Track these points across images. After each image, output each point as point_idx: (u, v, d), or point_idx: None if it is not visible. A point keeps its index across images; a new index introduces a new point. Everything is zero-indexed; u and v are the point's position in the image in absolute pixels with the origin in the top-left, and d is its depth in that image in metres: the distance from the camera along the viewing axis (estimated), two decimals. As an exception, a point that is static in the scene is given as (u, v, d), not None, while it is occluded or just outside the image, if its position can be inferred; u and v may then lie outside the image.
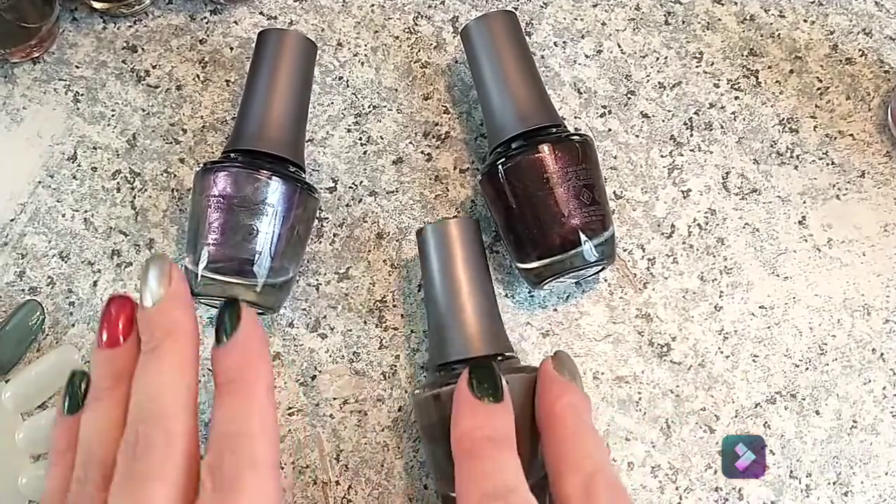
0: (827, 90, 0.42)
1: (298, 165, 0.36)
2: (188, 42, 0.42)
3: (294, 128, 0.36)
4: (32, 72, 0.41)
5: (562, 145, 0.34)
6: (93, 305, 0.38)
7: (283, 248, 0.34)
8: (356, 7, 0.43)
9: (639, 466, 0.37)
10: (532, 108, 0.36)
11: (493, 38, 0.36)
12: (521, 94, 0.36)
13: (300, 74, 0.36)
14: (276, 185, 0.34)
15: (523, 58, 0.36)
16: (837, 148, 0.41)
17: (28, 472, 0.35)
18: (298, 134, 0.36)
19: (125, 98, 0.41)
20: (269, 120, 0.35)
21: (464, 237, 0.34)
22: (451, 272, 0.34)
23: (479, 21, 0.36)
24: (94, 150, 0.40)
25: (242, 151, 0.35)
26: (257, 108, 0.35)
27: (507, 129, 0.35)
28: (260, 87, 0.35)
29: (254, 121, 0.35)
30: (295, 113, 0.36)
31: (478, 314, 0.33)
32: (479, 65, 0.37)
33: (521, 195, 0.34)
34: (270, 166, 0.34)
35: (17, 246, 0.39)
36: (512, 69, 0.36)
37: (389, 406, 0.37)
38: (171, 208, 0.40)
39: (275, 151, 0.35)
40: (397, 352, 0.38)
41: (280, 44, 0.36)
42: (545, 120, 0.35)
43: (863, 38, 0.43)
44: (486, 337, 0.33)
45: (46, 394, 0.37)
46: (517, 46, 0.36)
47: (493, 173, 0.35)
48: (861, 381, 0.38)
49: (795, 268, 0.39)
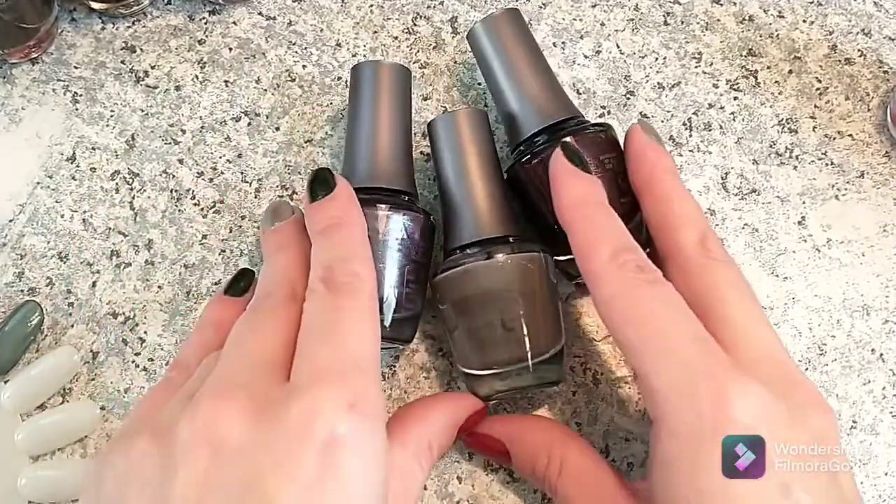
0: (826, 90, 0.42)
1: (411, 194, 0.35)
2: (187, 42, 0.42)
3: (403, 158, 0.36)
4: (31, 72, 0.41)
5: (584, 137, 0.34)
6: (92, 306, 0.38)
7: (408, 278, 0.34)
8: (355, 7, 0.43)
9: (638, 467, 0.37)
10: (550, 102, 0.35)
11: (501, 37, 0.36)
12: (537, 90, 0.35)
13: (401, 104, 0.36)
14: (396, 218, 0.33)
15: (533, 54, 0.36)
16: (836, 148, 0.41)
17: (27, 473, 0.35)
18: (407, 162, 0.36)
19: (124, 98, 0.41)
20: (378, 155, 0.35)
21: (473, 126, 0.35)
22: (462, 159, 0.35)
23: (484, 22, 0.36)
24: (92, 151, 0.40)
25: (356, 189, 0.34)
26: (364, 145, 0.35)
27: (527, 127, 0.35)
28: (363, 123, 0.35)
29: (363, 157, 0.35)
30: (399, 143, 0.36)
31: (489, 197, 0.34)
32: (489, 66, 0.37)
33: (549, 190, 0.34)
34: (387, 199, 0.34)
35: (16, 246, 0.39)
36: (524, 66, 0.36)
37: (389, 406, 0.37)
38: (169, 209, 0.40)
39: (387, 185, 0.34)
40: (396, 352, 0.38)
41: (377, 77, 0.36)
42: (565, 113, 0.35)
43: (862, 38, 0.43)
44: (499, 218, 0.34)
45: (46, 394, 0.37)
46: (526, 43, 0.36)
47: (519, 171, 0.35)
48: (861, 381, 0.38)
49: (795, 268, 0.39)
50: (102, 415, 0.37)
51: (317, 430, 0.24)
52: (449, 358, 0.38)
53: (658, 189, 0.32)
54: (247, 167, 0.40)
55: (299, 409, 0.24)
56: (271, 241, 0.33)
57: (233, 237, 0.39)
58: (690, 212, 0.32)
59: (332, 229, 0.30)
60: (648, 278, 0.29)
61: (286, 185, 0.40)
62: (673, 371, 0.27)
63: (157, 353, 0.38)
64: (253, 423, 0.24)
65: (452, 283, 0.33)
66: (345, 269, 0.29)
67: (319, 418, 0.24)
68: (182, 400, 0.27)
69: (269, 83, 0.41)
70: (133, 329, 0.38)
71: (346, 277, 0.28)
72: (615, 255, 0.29)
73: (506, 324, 0.32)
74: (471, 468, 0.36)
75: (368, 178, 0.34)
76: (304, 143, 0.41)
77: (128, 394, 0.37)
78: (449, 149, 0.35)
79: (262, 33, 0.42)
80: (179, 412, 0.25)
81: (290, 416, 0.24)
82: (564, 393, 0.37)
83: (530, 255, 0.33)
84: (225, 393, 0.25)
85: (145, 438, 0.25)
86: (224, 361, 0.27)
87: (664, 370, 0.27)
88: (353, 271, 0.29)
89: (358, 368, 0.26)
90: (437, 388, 0.37)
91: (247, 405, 0.25)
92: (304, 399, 0.24)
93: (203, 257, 0.39)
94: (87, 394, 0.37)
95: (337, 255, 0.30)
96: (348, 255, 0.30)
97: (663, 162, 0.33)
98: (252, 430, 0.24)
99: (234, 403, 0.25)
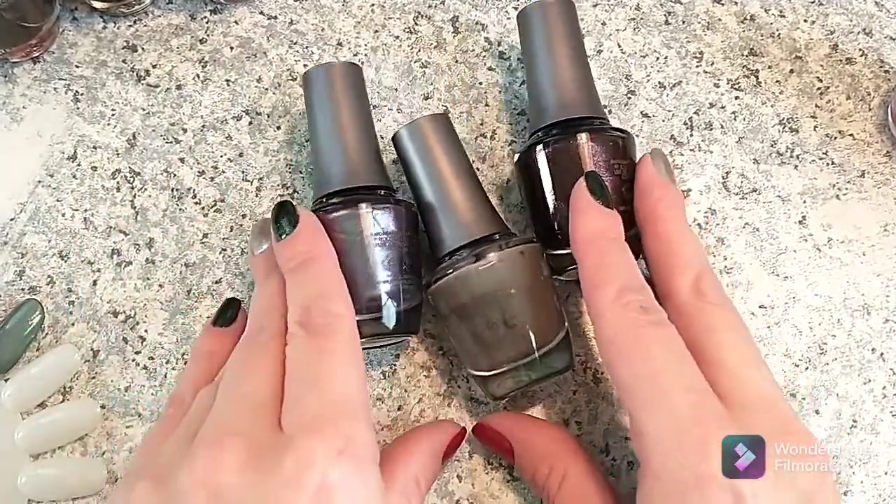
0: (827, 90, 0.42)
1: (387, 188, 0.35)
2: (188, 41, 0.42)
3: (372, 153, 0.35)
4: (32, 71, 0.41)
5: (601, 136, 0.34)
6: (92, 305, 0.38)
7: (404, 270, 0.34)
8: (356, 7, 0.43)
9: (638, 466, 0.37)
10: (576, 95, 0.35)
11: (550, 22, 0.36)
12: (568, 81, 0.35)
13: (359, 101, 0.36)
14: (380, 215, 0.33)
15: (575, 47, 0.36)
16: (837, 148, 0.41)
17: (28, 472, 0.35)
18: (378, 158, 0.36)
19: (125, 97, 0.41)
20: (349, 155, 0.35)
21: (438, 131, 0.35)
22: (434, 165, 0.34)
23: (537, 5, 0.36)
24: (93, 150, 0.40)
25: (331, 195, 0.34)
26: (332, 148, 0.35)
27: (548, 115, 0.35)
28: (326, 127, 0.35)
29: (334, 161, 0.35)
30: (365, 139, 0.35)
31: (468, 199, 0.34)
32: (531, 47, 0.36)
33: (556, 180, 0.34)
34: (367, 197, 0.34)
35: (17, 245, 0.39)
36: (563, 56, 0.36)
37: (389, 405, 0.37)
38: (170, 207, 0.40)
39: (364, 183, 0.34)
40: (397, 351, 0.38)
41: (329, 78, 0.35)
42: (589, 111, 0.35)
43: (863, 37, 0.43)
44: (482, 217, 0.34)
45: (46, 393, 0.37)
46: (572, 34, 0.36)
47: (529, 156, 0.35)
48: (861, 380, 0.38)
49: (795, 267, 0.39)
50: (103, 413, 0.37)
51: (309, 479, 0.25)
52: (449, 357, 0.38)
53: (659, 227, 0.32)
54: (248, 166, 0.40)
55: (292, 459, 0.25)
56: (260, 266, 0.34)
57: (234, 236, 0.39)
58: (688, 254, 0.32)
59: (302, 266, 0.31)
60: (652, 319, 0.29)
61: (287, 184, 0.40)
62: (662, 417, 0.27)
63: (157, 351, 0.38)
64: (249, 473, 0.25)
65: (447, 291, 0.33)
66: (321, 309, 0.30)
67: (311, 468, 0.25)
68: (180, 441, 0.28)
69: (270, 82, 0.41)
70: (133, 328, 0.38)
71: (323, 319, 0.29)
72: (620, 293, 0.29)
73: (507, 321, 0.32)
74: (470, 467, 0.36)
75: (343, 181, 0.34)
76: (305, 143, 0.41)
77: (128, 392, 0.37)
78: (419, 157, 0.35)
79: (264, 32, 0.42)
80: (180, 459, 0.27)
81: (284, 467, 0.25)
82: (565, 392, 0.37)
83: (519, 249, 0.33)
84: (222, 442, 0.26)
85: (145, 485, 0.27)
86: (220, 404, 0.28)
87: (654, 415, 0.27)
88: (329, 311, 0.30)
89: (345, 414, 0.27)
90: (437, 387, 0.37)
91: (243, 454, 0.26)
92: (295, 449, 0.26)
93: (204, 256, 0.39)
94: (88, 392, 0.37)
95: (311, 293, 0.30)
96: (322, 291, 0.30)
97: (667, 198, 0.33)
98: (248, 480, 0.25)
99: (231, 452, 0.26)
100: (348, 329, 0.30)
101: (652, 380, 0.28)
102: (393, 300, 0.33)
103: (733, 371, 0.28)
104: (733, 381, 0.28)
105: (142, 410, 0.37)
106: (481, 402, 0.37)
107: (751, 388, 0.28)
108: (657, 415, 0.27)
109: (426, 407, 0.37)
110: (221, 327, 0.35)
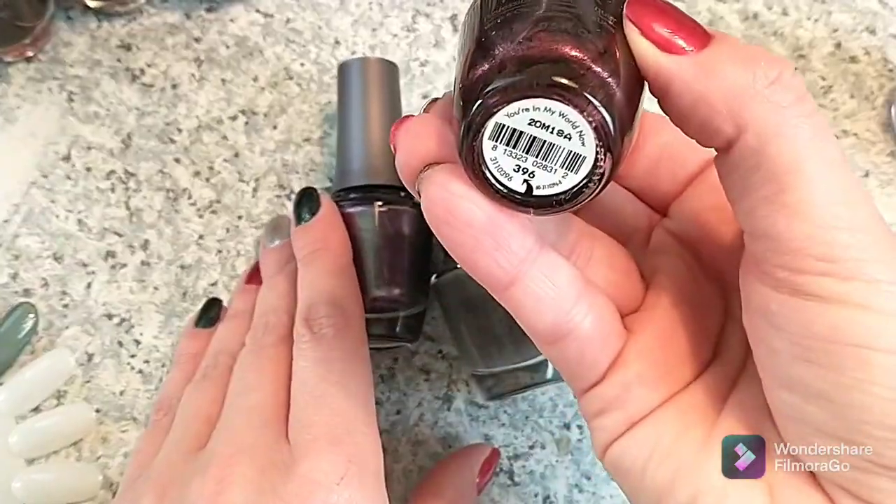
0: (830, 89, 0.42)
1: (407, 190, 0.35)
2: (183, 40, 0.42)
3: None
4: (26, 71, 0.41)
5: None
6: (87, 307, 0.38)
7: (412, 273, 0.33)
8: (354, 5, 0.42)
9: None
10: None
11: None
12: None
13: (390, 99, 0.36)
14: (395, 215, 0.33)
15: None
16: (841, 147, 0.41)
17: (22, 476, 0.35)
18: None
19: (120, 97, 0.41)
20: (372, 152, 0.35)
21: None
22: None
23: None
24: (88, 150, 0.40)
25: (350, 189, 0.34)
26: (357, 142, 0.35)
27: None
28: (354, 121, 0.35)
29: (357, 156, 0.35)
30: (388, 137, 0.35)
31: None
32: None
33: None
34: (384, 196, 0.34)
35: (11, 247, 0.38)
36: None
37: (387, 409, 0.37)
38: (165, 209, 0.39)
39: (384, 182, 0.34)
40: (395, 354, 0.37)
41: (365, 73, 0.35)
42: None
43: (867, 36, 0.42)
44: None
45: (40, 397, 0.36)
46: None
47: None
48: (865, 383, 0.38)
49: (799, 269, 0.39)
50: (98, 417, 0.36)
51: (314, 501, 0.25)
52: (449, 360, 0.37)
53: None
54: (244, 166, 0.40)
55: (296, 483, 0.26)
56: (271, 261, 0.34)
57: (230, 237, 0.39)
58: None
59: (313, 257, 0.31)
60: None
61: (284, 184, 0.39)
62: None
63: (152, 354, 0.37)
64: (257, 495, 0.26)
65: (456, 282, 0.33)
66: (327, 308, 0.29)
67: (316, 492, 0.26)
68: (178, 449, 0.28)
69: (266, 81, 0.41)
70: (129, 331, 0.38)
71: (328, 320, 0.29)
72: None
73: None
74: (471, 471, 0.36)
75: (364, 176, 0.34)
76: (302, 142, 0.40)
77: (123, 396, 0.37)
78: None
79: (260, 31, 0.42)
80: (190, 474, 0.27)
81: (289, 490, 0.26)
82: (566, 393, 0.37)
83: None
84: (232, 459, 0.27)
85: (151, 499, 0.27)
86: (229, 415, 0.29)
87: None
88: (334, 311, 0.29)
89: (349, 432, 0.27)
90: (437, 391, 0.37)
91: (251, 472, 0.26)
92: (300, 470, 0.26)
93: (199, 258, 0.38)
94: (83, 396, 0.37)
95: (318, 290, 0.30)
96: (328, 287, 0.30)
97: None
98: (255, 501, 0.26)
99: (240, 470, 0.26)
100: (354, 330, 0.30)
101: None
102: (398, 304, 0.33)
103: None
104: None
105: (137, 415, 0.37)
106: (482, 406, 0.37)
107: None
108: None
109: (425, 411, 0.37)
110: (204, 328, 0.35)
